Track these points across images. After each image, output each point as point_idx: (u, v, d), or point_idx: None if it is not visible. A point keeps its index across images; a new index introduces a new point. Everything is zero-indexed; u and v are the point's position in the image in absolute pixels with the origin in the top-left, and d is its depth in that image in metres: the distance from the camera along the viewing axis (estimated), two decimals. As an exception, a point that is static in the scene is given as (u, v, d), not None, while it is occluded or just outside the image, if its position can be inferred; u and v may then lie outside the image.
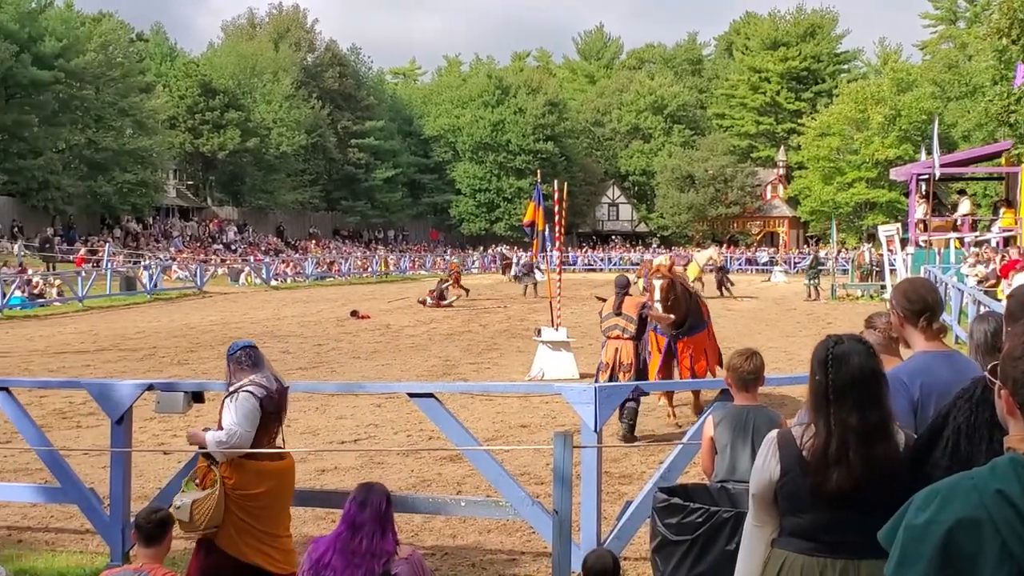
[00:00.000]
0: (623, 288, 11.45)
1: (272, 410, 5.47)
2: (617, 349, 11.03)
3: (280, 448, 5.64)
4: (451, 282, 35.48)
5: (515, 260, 50.80)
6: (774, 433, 3.38)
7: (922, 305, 3.86)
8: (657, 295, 11.64)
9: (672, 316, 11.39)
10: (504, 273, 52.55)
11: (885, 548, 2.04)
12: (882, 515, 2.20)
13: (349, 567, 3.94)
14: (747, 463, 4.72)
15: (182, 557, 6.44)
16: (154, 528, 4.57)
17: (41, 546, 7.33)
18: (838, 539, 3.16)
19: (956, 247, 31.43)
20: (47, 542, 7.47)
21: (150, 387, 7.00)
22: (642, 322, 11.18)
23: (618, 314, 11.18)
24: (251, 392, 5.38)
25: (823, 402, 3.20)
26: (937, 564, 1.89)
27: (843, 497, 3.12)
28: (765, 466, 3.29)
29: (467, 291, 36.08)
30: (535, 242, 18.39)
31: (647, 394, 10.71)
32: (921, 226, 33.09)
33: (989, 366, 2.38)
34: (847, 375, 3.17)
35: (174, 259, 48.80)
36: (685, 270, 22.05)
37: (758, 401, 5.04)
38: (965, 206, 34.50)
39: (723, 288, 37.68)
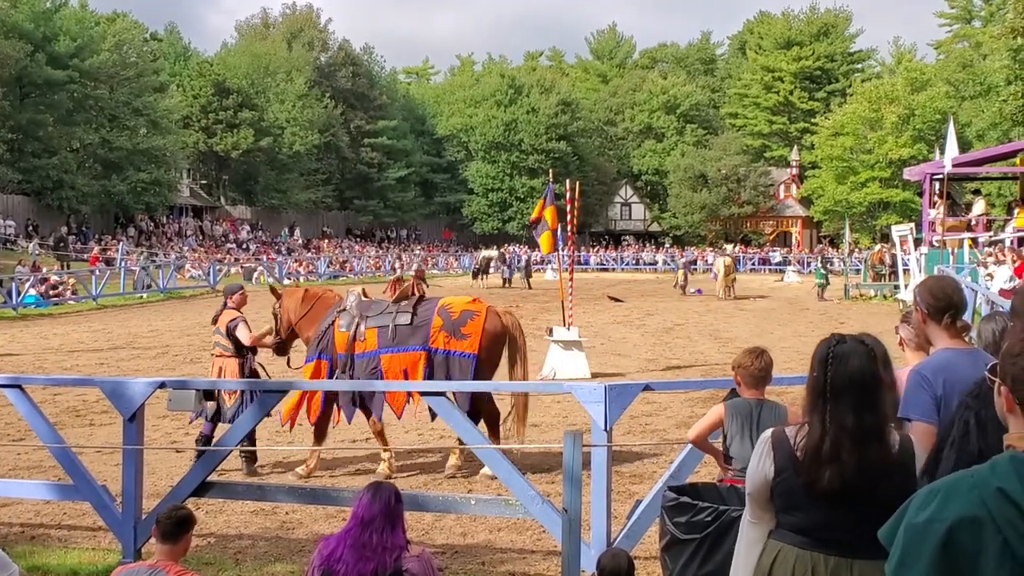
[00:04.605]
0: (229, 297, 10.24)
1: None
2: (221, 369, 9.73)
3: None
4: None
5: (512, 260, 48.35)
6: (768, 433, 3.40)
7: (947, 303, 3.88)
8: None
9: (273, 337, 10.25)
10: (475, 278, 45.22)
11: (885, 547, 2.03)
12: (876, 516, 2.20)
13: (361, 561, 3.95)
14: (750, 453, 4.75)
15: (194, 554, 6.49)
16: (172, 526, 4.58)
17: (54, 543, 7.37)
18: (831, 537, 3.17)
19: (970, 247, 31.25)
20: (60, 539, 7.51)
21: (162, 385, 7.05)
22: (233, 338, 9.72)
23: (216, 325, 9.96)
24: None
25: (819, 400, 3.22)
26: (938, 563, 1.88)
27: (836, 496, 3.12)
28: (760, 466, 3.30)
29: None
30: (543, 236, 18.11)
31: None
32: (935, 226, 32.87)
33: (988, 364, 2.39)
34: (845, 375, 3.18)
35: (187, 258, 48.88)
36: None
37: (765, 397, 5.05)
38: (979, 206, 34.28)
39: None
